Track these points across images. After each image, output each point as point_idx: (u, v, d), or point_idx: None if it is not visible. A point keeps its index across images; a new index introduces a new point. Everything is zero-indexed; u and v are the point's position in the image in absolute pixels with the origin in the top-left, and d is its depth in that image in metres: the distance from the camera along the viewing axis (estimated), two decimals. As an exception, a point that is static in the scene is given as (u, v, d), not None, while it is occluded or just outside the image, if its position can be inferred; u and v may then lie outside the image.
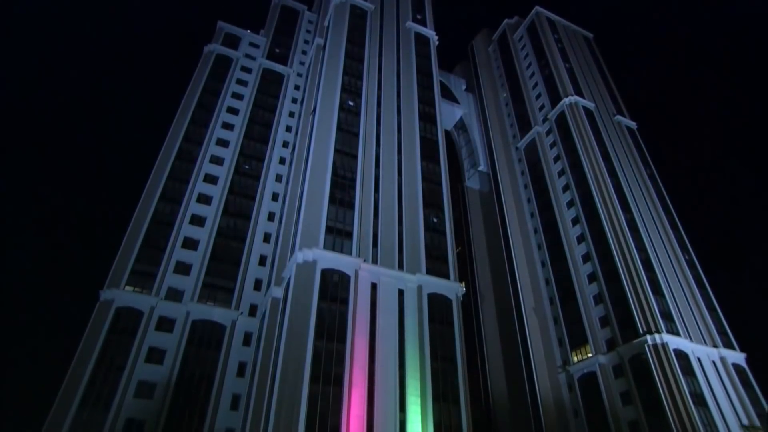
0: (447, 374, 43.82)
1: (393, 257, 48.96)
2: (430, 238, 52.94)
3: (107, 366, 48.34)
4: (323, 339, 40.24)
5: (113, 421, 45.58)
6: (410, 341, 43.88)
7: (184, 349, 51.17)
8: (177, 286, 54.88)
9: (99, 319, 50.06)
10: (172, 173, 62.62)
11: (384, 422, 38.67)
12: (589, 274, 65.98)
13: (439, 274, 50.27)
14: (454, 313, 48.21)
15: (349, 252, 46.54)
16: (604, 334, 61.16)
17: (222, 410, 49.28)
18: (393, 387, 40.75)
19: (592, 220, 68.03)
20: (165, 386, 48.76)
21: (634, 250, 62.26)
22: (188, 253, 57.33)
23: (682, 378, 52.29)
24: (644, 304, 57.44)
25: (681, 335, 57.11)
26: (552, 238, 74.04)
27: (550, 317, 69.94)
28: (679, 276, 65.20)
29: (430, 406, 41.08)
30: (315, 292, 42.15)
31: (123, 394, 47.17)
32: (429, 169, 59.75)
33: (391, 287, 46.33)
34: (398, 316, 45.14)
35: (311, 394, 37.22)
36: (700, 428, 49.18)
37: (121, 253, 54.64)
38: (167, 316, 52.64)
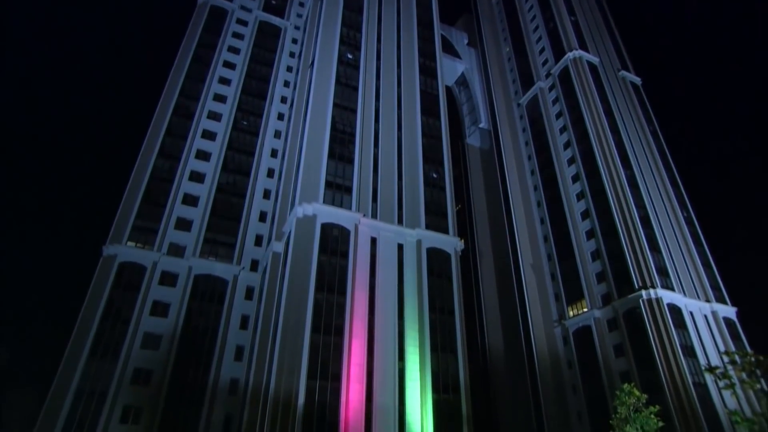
0: (445, 326, 44.92)
1: (392, 212, 49.17)
2: (430, 193, 52.98)
3: (113, 319, 49.46)
4: (324, 291, 41.00)
5: (122, 370, 47.08)
6: (409, 294, 44.73)
7: (188, 302, 52.20)
8: (178, 241, 55.38)
9: (103, 274, 50.82)
10: (170, 129, 61.97)
11: (383, 370, 39.97)
12: (588, 231, 66.44)
13: (438, 229, 50.64)
14: (453, 267, 48.90)
15: (348, 207, 46.69)
16: (600, 290, 62.23)
17: (226, 361, 50.78)
18: (392, 337, 41.87)
19: (593, 177, 67.85)
20: (170, 338, 50.05)
21: (633, 207, 62.42)
22: (189, 209, 57.53)
23: (674, 331, 53.62)
24: (641, 259, 58.11)
25: (675, 290, 58.14)
26: (551, 195, 74.08)
27: (548, 273, 70.95)
28: (677, 232, 65.65)
29: (428, 356, 42.36)
30: (315, 245, 42.59)
31: (130, 345, 48.48)
32: (429, 124, 59.06)
33: (390, 241, 46.78)
34: (398, 269, 45.82)
35: (312, 344, 38.28)
36: (688, 378, 50.81)
37: (122, 209, 54.84)
38: (170, 271, 53.39)
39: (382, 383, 39.33)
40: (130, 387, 46.81)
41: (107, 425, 44.49)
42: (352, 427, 36.64)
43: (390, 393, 39.29)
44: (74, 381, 45.19)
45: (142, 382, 47.56)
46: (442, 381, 42.18)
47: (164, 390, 47.30)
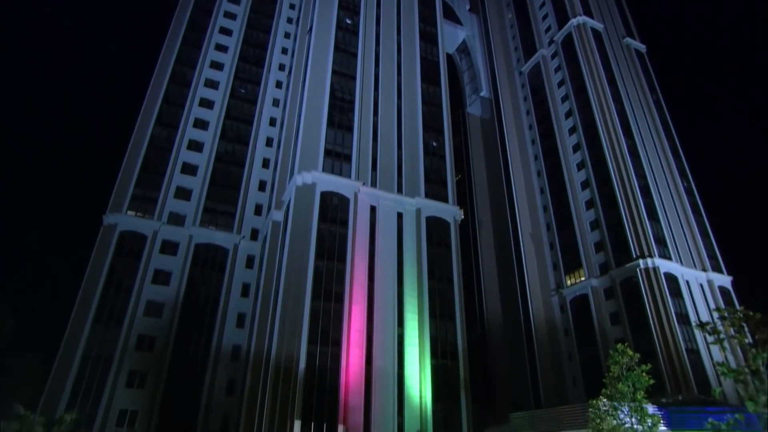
0: (444, 293, 45.48)
1: (392, 181, 49.06)
2: (430, 161, 52.73)
3: (116, 287, 50.05)
4: (324, 259, 41.33)
5: (126, 336, 47.96)
6: (408, 262, 45.10)
7: (189, 271, 52.71)
8: (178, 210, 55.48)
9: (104, 243, 51.14)
10: (167, 97, 61.20)
11: (383, 336, 40.71)
12: (587, 201, 66.51)
13: (437, 197, 50.63)
14: (452, 235, 49.13)
15: (348, 175, 46.56)
16: (598, 259, 62.76)
17: (228, 328, 51.66)
18: (391, 304, 42.46)
19: (593, 147, 67.44)
20: (172, 306, 50.75)
21: (633, 177, 62.30)
22: (188, 179, 57.40)
23: (669, 299, 54.35)
24: (639, 229, 58.36)
25: (672, 259, 58.62)
26: (552, 164, 73.82)
27: (546, 243, 71.40)
28: (676, 202, 65.72)
29: (427, 322, 43.06)
30: (315, 214, 42.69)
31: (133, 312, 49.22)
32: (429, 91, 58.25)
33: (390, 210, 46.86)
34: (397, 238, 46.05)
35: (313, 310, 38.84)
36: (682, 345, 51.83)
37: (121, 178, 54.74)
38: (170, 239, 53.68)
39: (381, 348, 40.13)
40: (134, 353, 47.78)
41: (114, 389, 45.63)
42: (352, 390, 37.56)
43: (389, 358, 40.13)
44: (80, 346, 46.10)
45: (146, 348, 48.50)
46: (441, 347, 43.02)
47: (168, 356, 48.29)
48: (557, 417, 34.13)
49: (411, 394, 39.74)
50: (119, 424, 45.08)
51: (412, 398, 39.60)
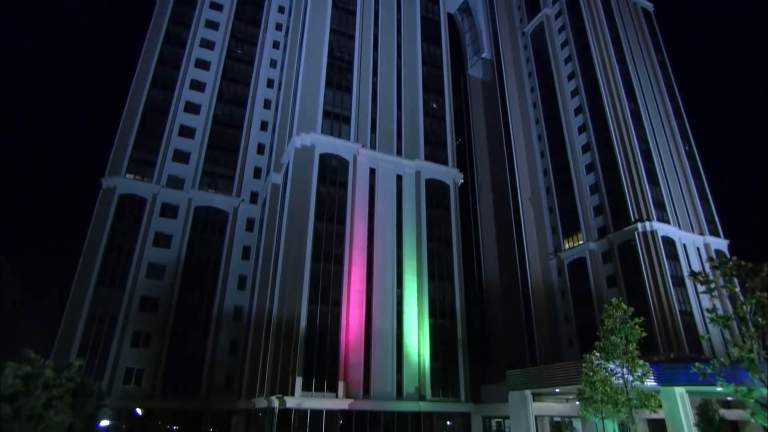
0: (442, 255, 45.88)
1: (391, 143, 48.65)
2: (430, 123, 52.11)
3: (117, 250, 50.46)
4: (323, 221, 41.48)
5: (129, 298, 48.71)
6: (408, 224, 45.27)
7: (189, 234, 53.00)
8: (177, 173, 55.31)
9: (104, 207, 51.22)
10: (162, 58, 59.94)
11: (382, 297, 41.33)
12: (588, 165, 66.20)
13: (437, 160, 50.33)
14: (451, 198, 49.13)
15: (347, 137, 46.13)
16: (597, 223, 63.03)
17: (230, 290, 52.39)
18: (391, 266, 42.90)
19: (596, 110, 66.60)
20: (174, 268, 51.31)
21: (634, 140, 61.81)
22: (185, 141, 56.95)
23: (666, 262, 54.90)
24: (639, 193, 58.34)
25: (671, 223, 58.85)
26: (553, 128, 73.09)
27: (546, 207, 71.53)
28: (677, 166, 65.46)
29: (425, 284, 43.63)
30: (314, 176, 42.54)
31: (135, 275, 49.80)
32: (430, 51, 56.95)
33: (389, 172, 46.68)
34: (396, 200, 46.05)
35: (313, 271, 39.28)
36: (676, 307, 52.70)
37: (119, 141, 54.31)
38: (170, 203, 53.75)
39: (381, 309, 40.81)
40: (138, 314, 48.64)
41: (119, 348, 46.71)
42: (352, 348, 38.44)
43: (388, 318, 40.88)
44: (85, 307, 46.89)
45: (150, 309, 49.33)
46: (439, 307, 43.73)
47: (171, 317, 49.20)
48: (551, 373, 35.05)
49: (409, 352, 40.68)
50: (126, 381, 46.36)
51: (410, 356, 40.57)
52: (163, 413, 46.27)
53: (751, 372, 8.71)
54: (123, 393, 45.27)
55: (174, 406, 46.09)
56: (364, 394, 37.71)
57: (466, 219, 70.53)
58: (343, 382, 36.97)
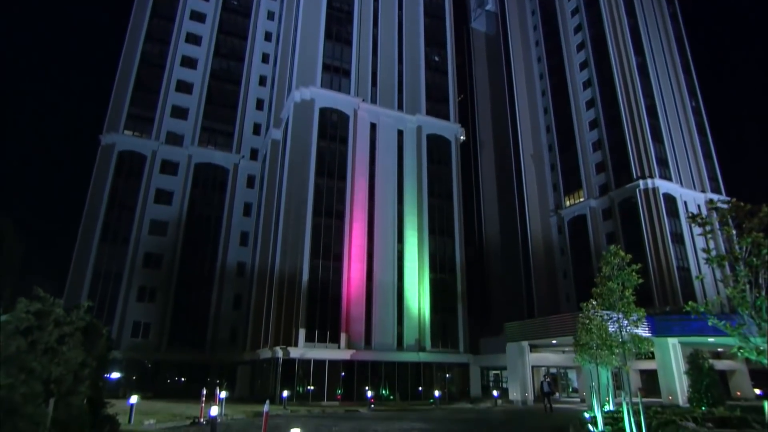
0: (443, 210, 46.01)
1: (392, 97, 47.81)
2: (431, 77, 51.00)
3: (119, 206, 50.64)
4: (324, 176, 41.36)
5: (133, 254, 49.30)
6: (409, 180, 45.14)
7: (190, 190, 53.03)
8: (176, 130, 54.76)
9: (103, 164, 51.00)
10: (155, 10, 58.05)
11: (383, 252, 41.77)
12: (591, 121, 65.33)
13: (438, 115, 49.60)
14: (453, 153, 48.77)
15: (347, 91, 45.29)
16: (598, 180, 62.83)
17: (232, 246, 52.90)
18: (391, 221, 43.11)
19: (602, 64, 65.05)
20: (176, 225, 51.65)
21: (640, 96, 60.69)
22: (183, 97, 56.04)
23: (666, 219, 55.07)
24: (642, 150, 57.83)
25: (673, 180, 58.64)
26: (557, 83, 71.67)
27: (548, 164, 71.18)
28: (682, 122, 64.53)
29: (426, 239, 43.98)
30: (314, 131, 42.08)
31: (138, 231, 50.18)
32: (432, 2, 55.00)
33: (390, 127, 46.14)
34: (397, 155, 45.73)
35: (314, 227, 39.52)
36: (674, 263, 53.26)
37: (115, 97, 53.48)
38: (170, 159, 53.48)
39: (381, 263, 41.33)
40: (142, 270, 49.35)
41: (126, 302, 47.69)
42: (353, 301, 39.21)
43: (389, 272, 41.45)
44: (90, 264, 47.52)
45: (153, 265, 50.01)
46: (439, 262, 44.27)
47: (175, 272, 49.93)
48: (548, 325, 35.91)
49: (410, 306, 41.52)
50: (134, 335, 47.60)
51: (411, 310, 41.44)
52: (171, 365, 47.80)
53: (742, 308, 8.88)
54: (131, 345, 46.59)
55: (181, 358, 47.53)
56: (366, 346, 38.77)
57: (467, 176, 70.32)
58: (344, 334, 37.95)
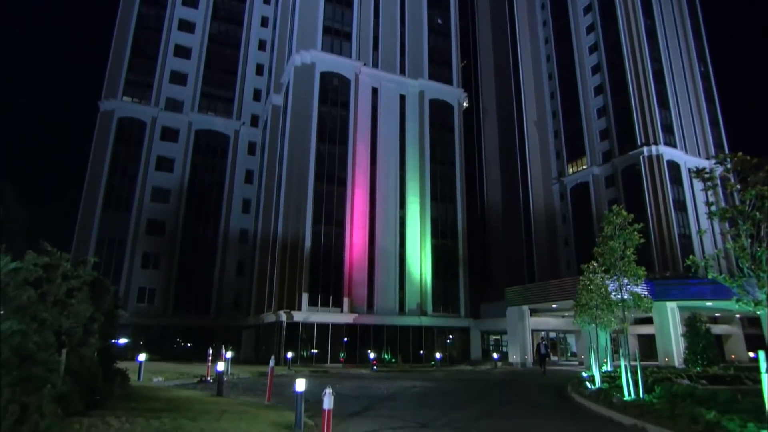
0: (445, 176, 45.84)
1: (394, 61, 46.92)
2: (434, 41, 49.88)
3: (120, 174, 50.59)
4: (325, 142, 41.07)
5: (136, 221, 49.57)
6: (411, 145, 44.81)
7: (191, 158, 52.84)
8: (175, 96, 54.12)
9: (103, 131, 50.67)
10: (151, -29, 56.43)
11: (385, 218, 41.88)
12: (596, 87, 64.24)
13: (441, 79, 48.76)
14: (455, 118, 48.21)
15: (348, 54, 44.42)
16: (602, 147, 62.27)
17: (234, 213, 53.08)
18: (393, 187, 43.03)
19: (609, 27, 63.40)
20: (178, 192, 51.71)
21: (647, 60, 59.45)
22: (182, 62, 55.13)
23: (669, 186, 54.88)
24: (647, 116, 57.07)
25: (677, 147, 58.08)
26: (563, 47, 70.12)
27: (551, 131, 70.45)
28: (690, 88, 63.40)
29: (428, 205, 44.00)
30: (315, 96, 41.52)
31: (140, 198, 50.29)
32: (435, -39, 53.27)
33: (392, 92, 45.46)
34: (399, 121, 45.24)
35: (316, 192, 39.52)
36: (675, 230, 53.36)
37: (112, 62, 52.67)
38: (170, 126, 53.06)
39: (383, 229, 41.50)
40: (146, 236, 49.70)
41: (131, 269, 48.24)
42: (356, 267, 39.59)
43: (391, 238, 41.67)
44: (93, 231, 47.85)
45: (157, 232, 50.34)
46: (441, 227, 44.42)
47: (178, 239, 50.31)
48: (549, 289, 36.34)
49: (412, 271, 41.92)
50: (140, 300, 48.36)
51: (412, 275, 41.86)
52: (177, 330, 48.70)
53: (742, 260, 8.95)
54: (137, 311, 47.38)
55: (186, 323, 48.40)
56: (368, 310, 39.37)
57: (470, 143, 69.69)
58: (347, 298, 38.48)
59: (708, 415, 10.33)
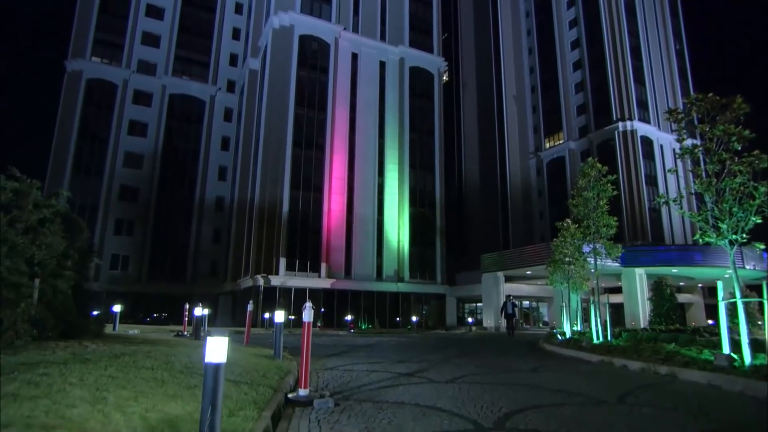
0: (424, 145, 45.91)
1: (375, 27, 46.21)
2: (415, 8, 49.21)
3: (90, 138, 48.99)
4: (304, 107, 40.49)
5: (108, 187, 48.32)
6: (390, 112, 44.58)
7: (166, 123, 51.48)
8: (148, 58, 52.29)
9: (71, 92, 48.77)
10: (119, -77, 53.69)
11: (363, 185, 41.86)
12: (575, 62, 64.76)
13: (422, 47, 48.35)
14: (435, 87, 48.06)
15: (328, 18, 43.51)
16: (579, 122, 63.17)
17: (210, 180, 52.23)
18: (372, 154, 42.92)
19: (589, 2, 63.70)
20: (152, 158, 50.48)
21: (625, 36, 60.16)
22: (154, 23, 53.12)
23: (642, 161, 56.32)
24: (623, 91, 58.01)
25: (651, 123, 59.42)
26: (543, 21, 70.18)
27: (529, 105, 70.95)
28: (665, 65, 64.57)
29: (407, 173, 44.10)
30: (293, 59, 40.70)
31: (112, 163, 48.94)
32: (417, -74, 52.18)
33: (372, 58, 44.91)
34: (379, 87, 44.85)
35: (294, 157, 39.12)
36: (646, 204, 55.03)
37: (79, 19, 50.37)
38: (143, 89, 51.42)
39: (362, 196, 41.51)
40: (118, 202, 48.59)
41: (103, 235, 47.20)
42: (334, 233, 39.63)
43: (369, 205, 41.75)
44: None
45: (130, 198, 49.23)
46: (419, 196, 44.68)
47: (152, 206, 49.36)
48: (523, 254, 37.17)
49: (389, 238, 42.22)
50: (113, 267, 47.51)
51: (390, 242, 42.18)
52: (151, 297, 48.09)
53: (707, 194, 9.34)
54: (111, 277, 46.60)
55: (161, 290, 47.81)
56: (346, 275, 39.63)
57: (449, 116, 69.77)
58: (325, 264, 38.62)
59: (668, 347, 10.92)
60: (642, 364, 10.21)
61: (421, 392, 7.33)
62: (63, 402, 4.36)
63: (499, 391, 7.47)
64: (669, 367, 9.54)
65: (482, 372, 9.62)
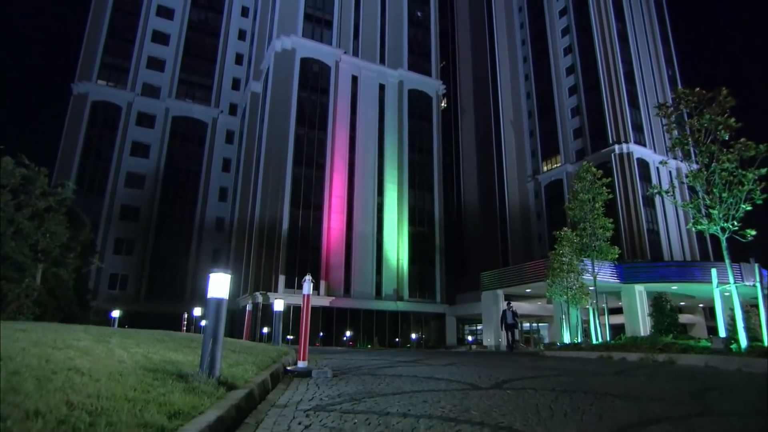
0: (423, 165, 46.43)
1: (374, 51, 47.42)
2: (414, 32, 50.62)
3: (94, 157, 49.60)
4: (305, 127, 41.15)
5: (109, 206, 48.61)
6: (389, 133, 45.25)
7: (168, 144, 52.18)
8: (152, 82, 53.43)
9: (76, 113, 49.66)
10: (128, -46, 55.77)
11: (363, 203, 42.13)
12: (571, 87, 66.11)
13: (420, 70, 49.48)
14: (434, 109, 48.94)
15: (329, 42, 44.72)
16: (576, 146, 64.03)
17: (211, 201, 52.57)
18: (372, 174, 43.35)
19: (583, 30, 65.51)
20: (154, 178, 50.95)
21: (619, 62, 61.63)
22: (160, 48, 54.51)
23: (639, 183, 56.83)
24: (618, 115, 59.05)
25: (647, 146, 60.24)
26: (539, 49, 71.99)
27: (527, 130, 72.02)
28: (658, 90, 65.90)
29: (406, 192, 44.45)
30: (295, 81, 41.61)
31: (114, 183, 49.39)
32: (416, -46, 54.23)
33: (371, 81, 45.90)
34: (378, 109, 45.66)
35: (294, 176, 39.52)
36: (644, 225, 55.25)
37: (87, 44, 51.71)
38: (146, 112, 52.34)
39: (361, 215, 41.73)
40: (119, 222, 48.78)
41: (102, 254, 47.10)
42: (333, 251, 39.67)
43: (369, 223, 41.92)
44: (63, 214, 46.64)
45: (131, 218, 49.45)
46: (418, 215, 44.90)
47: (153, 226, 49.52)
48: (523, 271, 37.08)
49: (389, 256, 42.23)
50: (111, 286, 47.30)
51: (389, 260, 42.16)
52: (149, 317, 47.62)
53: (697, 182, 9.59)
54: (109, 297, 46.27)
55: (159, 309, 47.40)
56: (345, 293, 39.46)
57: (448, 140, 70.69)
58: (324, 282, 38.51)
59: (666, 339, 10.97)
60: (640, 354, 10.27)
61: (419, 370, 7.42)
62: (69, 336, 4.48)
63: (498, 370, 7.56)
64: (667, 354, 9.60)
65: (480, 363, 9.67)
